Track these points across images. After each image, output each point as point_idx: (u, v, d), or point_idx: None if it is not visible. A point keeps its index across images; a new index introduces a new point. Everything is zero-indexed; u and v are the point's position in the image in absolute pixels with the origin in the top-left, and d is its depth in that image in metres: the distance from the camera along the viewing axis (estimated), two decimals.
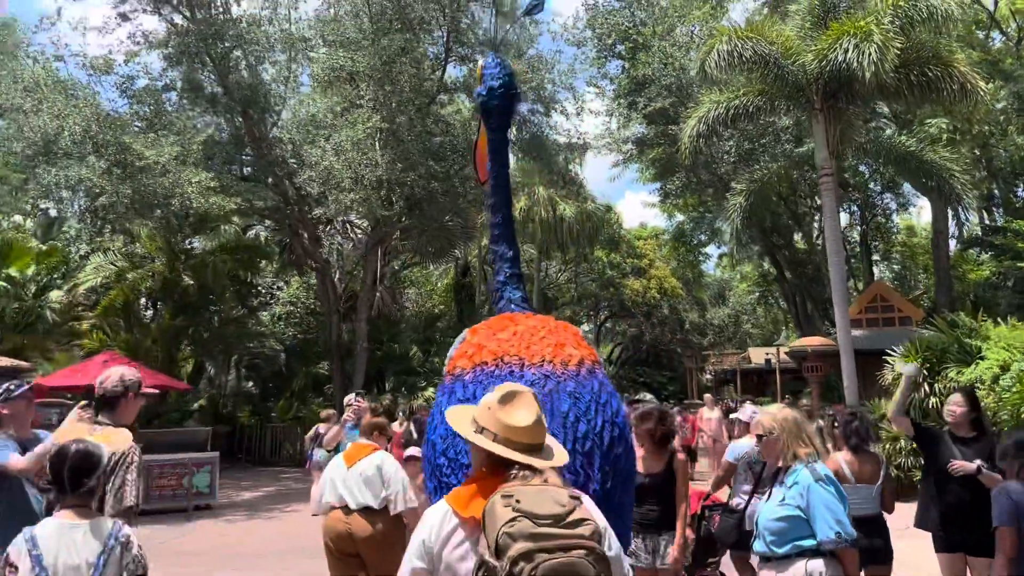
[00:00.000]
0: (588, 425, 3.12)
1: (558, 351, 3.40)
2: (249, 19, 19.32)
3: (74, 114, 15.47)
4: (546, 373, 3.26)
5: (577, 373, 3.30)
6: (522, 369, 3.27)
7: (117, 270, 21.89)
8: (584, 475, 3.01)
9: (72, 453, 3.31)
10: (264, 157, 20.00)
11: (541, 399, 2.96)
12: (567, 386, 3.21)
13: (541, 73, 19.92)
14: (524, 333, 3.50)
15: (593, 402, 3.21)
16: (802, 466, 4.17)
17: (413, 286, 46.17)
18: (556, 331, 3.58)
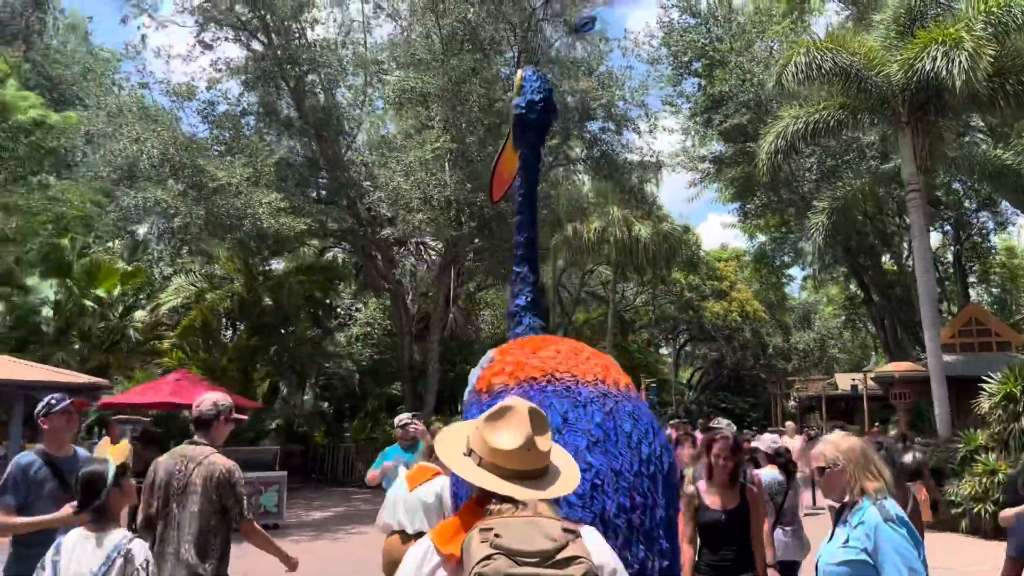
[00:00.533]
0: (650, 448, 2.99)
1: (607, 373, 3.29)
2: (323, 43, 19.63)
3: (152, 138, 15.95)
4: (603, 392, 3.12)
5: (630, 395, 3.21)
6: (577, 385, 3.13)
7: (197, 291, 22.45)
8: (652, 499, 2.85)
9: (80, 476, 3.69)
10: (338, 179, 20.24)
11: (602, 418, 2.91)
12: (626, 406, 3.08)
13: (612, 90, 19.61)
14: (568, 352, 3.37)
15: (650, 426, 3.10)
16: (869, 503, 3.69)
17: (488, 307, 46.25)
18: (597, 355, 3.47)
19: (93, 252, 24.28)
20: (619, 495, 2.76)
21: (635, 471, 2.80)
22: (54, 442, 4.98)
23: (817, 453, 4.09)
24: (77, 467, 5.08)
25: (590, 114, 19.75)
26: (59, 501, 4.76)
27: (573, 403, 3.03)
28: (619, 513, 2.71)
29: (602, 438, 2.88)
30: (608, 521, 2.69)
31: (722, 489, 5.07)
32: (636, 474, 2.79)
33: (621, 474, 2.81)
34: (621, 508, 2.72)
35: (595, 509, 2.70)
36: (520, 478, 2.13)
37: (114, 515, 3.60)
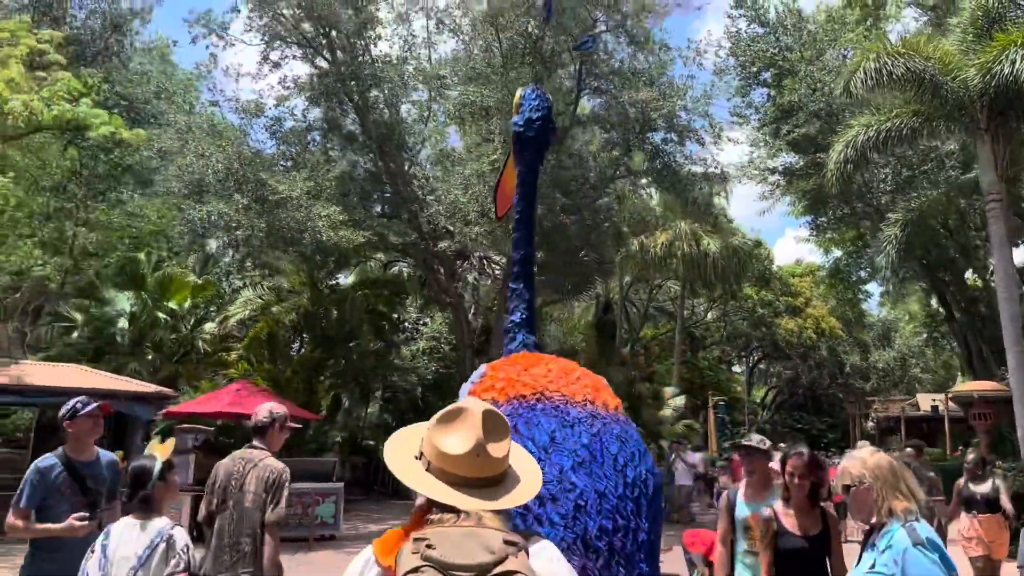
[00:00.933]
0: (636, 471, 3.00)
1: (596, 394, 3.31)
2: (385, 59, 19.88)
3: (217, 153, 16.36)
4: (592, 413, 3.14)
5: (619, 418, 3.23)
6: (566, 405, 3.14)
7: (263, 303, 22.92)
8: (635, 522, 2.86)
9: (130, 470, 4.05)
10: (400, 193, 20.41)
11: (589, 439, 2.91)
12: (614, 428, 3.10)
13: (673, 100, 19.25)
14: (559, 371, 3.39)
15: (636, 449, 3.11)
16: (898, 525, 3.38)
17: (555, 323, 45.98)
18: (588, 374, 3.50)
19: (167, 266, 25.06)
20: (602, 517, 2.75)
21: (619, 494, 2.80)
22: (77, 446, 5.00)
23: (842, 469, 3.80)
24: (99, 471, 5.13)
25: (651, 125, 19.43)
26: (76, 506, 4.78)
27: (561, 423, 3.01)
28: (601, 535, 2.71)
29: (588, 459, 2.87)
30: (589, 542, 2.69)
31: (801, 512, 4.67)
32: (620, 497, 2.79)
33: (605, 496, 2.81)
34: (603, 530, 2.72)
35: (577, 530, 2.70)
36: (469, 486, 1.99)
37: (158, 505, 3.93)
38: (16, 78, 13.33)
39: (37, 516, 4.77)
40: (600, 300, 40.34)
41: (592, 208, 20.02)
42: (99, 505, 4.93)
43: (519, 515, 2.79)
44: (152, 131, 18.79)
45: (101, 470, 5.07)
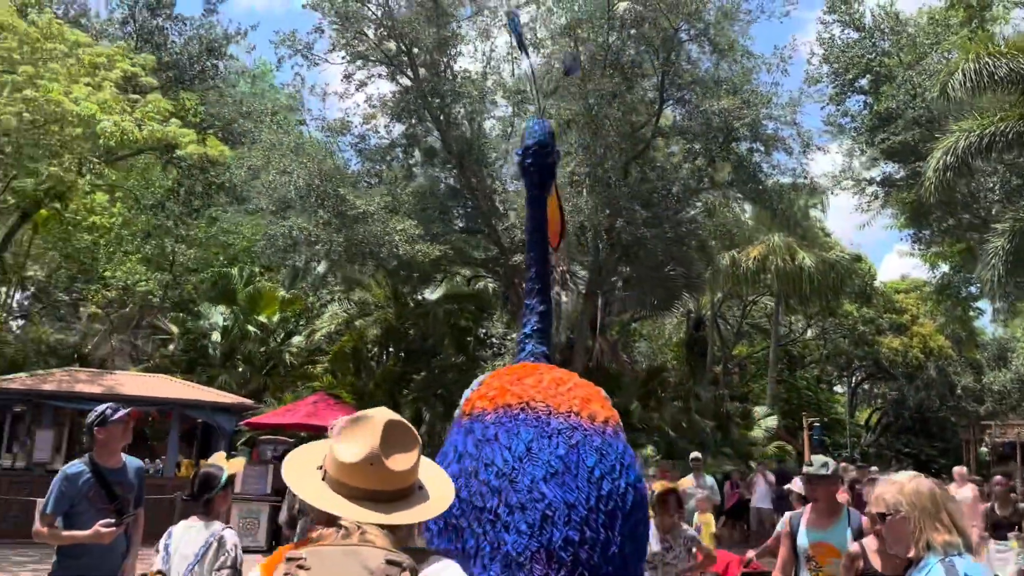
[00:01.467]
0: (613, 484, 2.99)
1: (585, 405, 3.30)
2: (464, 75, 19.96)
3: (298, 169, 16.75)
4: (573, 424, 3.14)
5: (603, 430, 3.20)
6: (549, 416, 3.15)
7: (347, 317, 23.32)
8: (605, 535, 2.86)
9: (199, 475, 4.48)
10: (480, 207, 20.42)
11: (566, 451, 2.93)
12: (594, 440, 3.10)
13: (757, 108, 18.57)
14: (551, 382, 3.41)
15: (618, 462, 3.09)
16: (935, 560, 2.99)
17: (645, 340, 45.19)
18: (583, 386, 3.51)
19: (258, 281, 25.84)
20: (569, 528, 2.76)
21: (590, 506, 2.80)
22: (105, 452, 5.02)
23: (877, 496, 3.41)
24: (126, 478, 5.16)
25: (735, 134, 18.81)
26: (103, 512, 4.80)
27: (540, 433, 3.03)
28: (565, 546, 2.71)
29: (562, 470, 2.88)
30: (553, 552, 2.71)
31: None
32: (591, 509, 2.80)
33: (575, 508, 2.81)
34: (568, 541, 2.72)
35: (542, 540, 2.72)
36: (366, 499, 1.85)
37: (216, 510, 4.37)
38: (109, 100, 13.98)
39: (65, 522, 4.82)
40: (691, 317, 39.47)
41: (674, 221, 19.51)
42: (126, 511, 4.95)
43: (489, 522, 2.82)
44: (242, 150, 19.39)
45: (128, 477, 5.10)
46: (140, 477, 5.23)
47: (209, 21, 23.85)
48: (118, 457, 5.11)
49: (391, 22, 19.03)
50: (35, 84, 13.56)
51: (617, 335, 38.65)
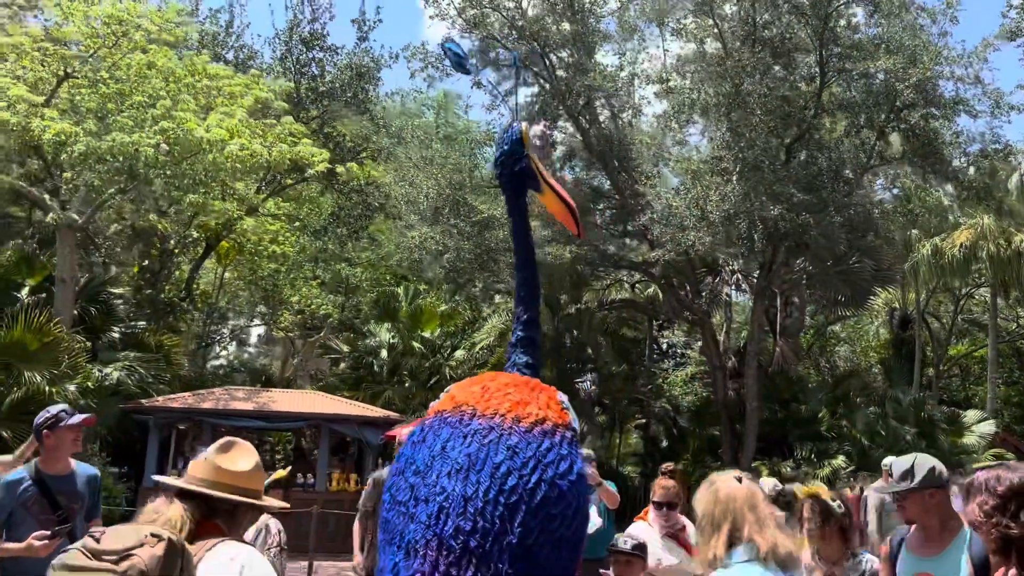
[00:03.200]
0: (519, 480, 3.08)
1: (516, 407, 3.34)
2: (601, 69, 19.05)
3: (426, 181, 16.62)
4: (492, 425, 3.27)
5: (528, 430, 3.24)
6: (472, 418, 3.29)
7: (502, 329, 23.01)
8: (500, 526, 3.01)
9: None
10: (625, 206, 19.40)
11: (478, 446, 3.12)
12: (509, 439, 3.19)
13: (925, 66, 16.05)
14: (494, 388, 3.47)
15: (533, 459, 3.14)
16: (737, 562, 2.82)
17: (844, 343, 41.88)
18: (526, 391, 3.50)
19: (422, 298, 26.25)
20: (461, 519, 2.98)
21: (488, 499, 2.98)
22: (52, 458, 4.70)
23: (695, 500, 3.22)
24: (73, 486, 4.79)
25: (901, 99, 16.45)
26: (44, 523, 4.46)
27: (458, 433, 3.21)
28: (456, 535, 2.94)
29: (467, 466, 3.08)
30: (444, 540, 2.96)
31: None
32: (488, 501, 2.98)
33: (471, 500, 3.01)
34: (459, 530, 2.95)
35: (436, 529, 2.98)
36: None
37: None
38: (238, 126, 14.53)
39: (7, 533, 4.54)
40: (895, 314, 35.94)
41: (841, 204, 17.39)
42: (72, 521, 4.59)
43: (402, 514, 3.10)
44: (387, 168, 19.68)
45: (75, 485, 4.75)
46: (92, 486, 4.87)
47: (363, 48, 24.70)
48: (66, 464, 4.78)
49: (522, 22, 18.58)
50: (171, 116, 14.33)
51: (812, 339, 35.90)
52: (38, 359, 14.61)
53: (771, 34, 17.98)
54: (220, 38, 25.18)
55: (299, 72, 23.78)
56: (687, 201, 16.28)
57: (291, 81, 23.73)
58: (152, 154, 13.86)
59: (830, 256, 21.42)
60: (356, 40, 24.76)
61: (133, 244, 24.46)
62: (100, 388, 15.73)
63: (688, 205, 16.27)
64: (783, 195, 16.75)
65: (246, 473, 2.59)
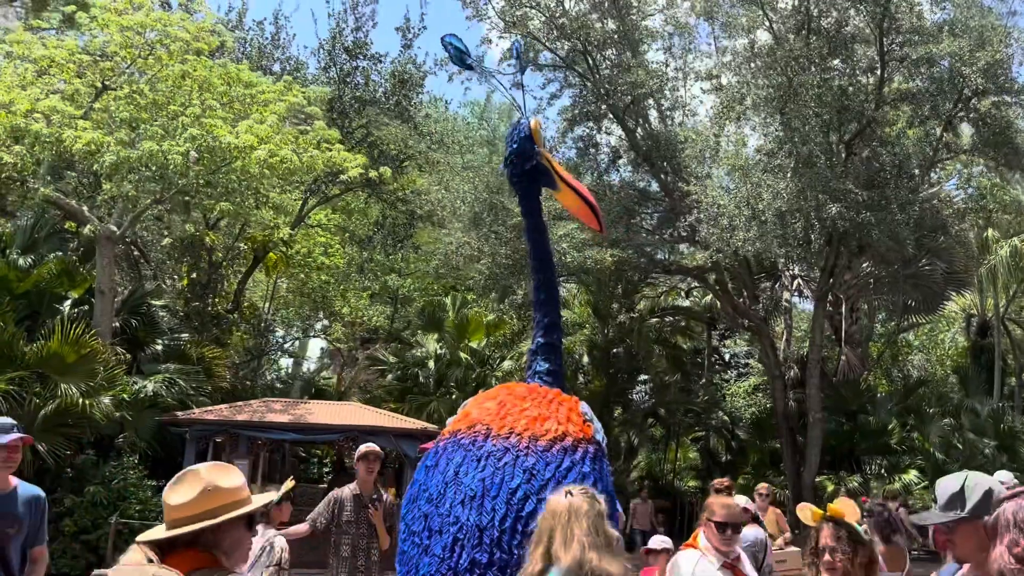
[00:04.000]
0: (537, 504, 2.86)
1: (533, 424, 3.22)
2: (643, 67, 18.25)
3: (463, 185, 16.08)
4: (507, 446, 3.12)
5: (547, 448, 3.10)
6: (486, 439, 3.17)
7: None
8: (516, 556, 2.81)
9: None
10: (675, 208, 18.53)
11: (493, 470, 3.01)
12: (525, 461, 3.05)
13: (993, 48, 14.78)
14: (508, 403, 3.35)
15: (553, 480, 2.99)
16: None
17: (919, 351, 40.07)
18: (545, 404, 3.37)
19: (471, 307, 25.75)
20: (477, 551, 2.83)
21: (504, 527, 2.83)
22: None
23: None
24: (12, 508, 4.35)
25: (967, 85, 15.20)
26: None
27: (470, 456, 3.04)
28: (472, 568, 2.80)
29: (480, 493, 2.90)
30: (458, 574, 2.81)
31: None
32: (505, 531, 2.83)
33: (486, 529, 2.86)
34: (475, 563, 2.80)
35: (452, 563, 2.84)
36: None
37: (272, 520, 5.35)
38: (268, 131, 14.25)
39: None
40: (973, 321, 34.08)
41: (905, 201, 16.20)
42: (4, 545, 4.15)
43: (416, 546, 2.97)
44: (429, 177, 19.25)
45: (13, 507, 4.30)
46: (35, 508, 4.42)
47: (407, 56, 24.38)
48: (7, 483, 4.35)
49: (564, 20, 17.96)
50: (200, 123, 14.12)
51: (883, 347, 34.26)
52: (74, 371, 14.49)
53: (827, 23, 16.98)
54: (267, 50, 25.21)
55: (343, 81, 23.57)
56: (736, 200, 15.38)
57: (335, 90, 23.55)
58: (181, 162, 13.64)
59: (897, 259, 20.19)
60: (400, 48, 24.46)
61: (183, 257, 24.57)
62: (137, 401, 15.55)
63: (738, 204, 15.36)
64: (840, 192, 15.68)
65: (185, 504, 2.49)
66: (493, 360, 24.90)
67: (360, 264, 25.44)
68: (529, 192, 3.89)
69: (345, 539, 6.29)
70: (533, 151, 3.78)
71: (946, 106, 15.95)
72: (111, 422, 14.94)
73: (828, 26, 16.95)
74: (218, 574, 2.44)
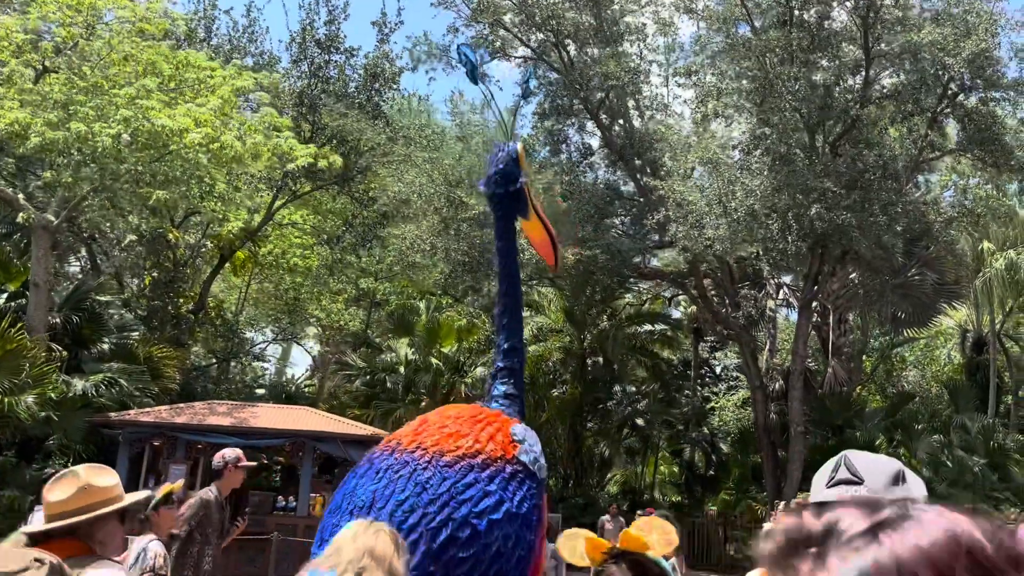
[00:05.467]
0: (421, 517, 2.92)
1: (444, 440, 3.15)
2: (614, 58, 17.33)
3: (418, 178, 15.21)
4: (407, 460, 3.12)
5: (450, 464, 3.07)
6: (391, 453, 3.16)
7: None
8: None
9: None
10: (646, 207, 17.60)
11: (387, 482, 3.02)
12: (420, 475, 3.03)
13: (979, 36, 13.88)
14: (432, 421, 3.34)
15: (446, 494, 2.99)
16: None
17: (914, 367, 39.17)
18: (470, 423, 3.29)
19: (445, 311, 24.88)
20: None
21: None
22: None
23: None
24: None
25: (951, 75, 14.29)
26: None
27: (373, 469, 3.10)
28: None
29: (367, 505, 3.00)
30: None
31: None
32: None
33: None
34: None
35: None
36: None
37: (151, 526, 5.26)
38: (206, 114, 13.41)
39: None
40: (968, 336, 33.16)
41: (885, 203, 15.28)
42: None
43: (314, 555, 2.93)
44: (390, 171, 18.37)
45: None
46: None
47: (382, 51, 23.56)
48: None
49: (535, 9, 17.13)
50: (135, 104, 13.29)
51: (877, 361, 33.31)
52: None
53: (809, 16, 16.14)
54: (240, 43, 24.42)
55: (314, 75, 22.74)
56: (708, 197, 14.48)
57: (306, 84, 22.74)
58: (111, 145, 12.79)
59: (885, 267, 19.30)
60: (376, 43, 23.64)
61: (149, 254, 23.72)
62: (66, 400, 14.65)
63: (709, 201, 14.47)
64: (819, 192, 14.78)
65: (63, 500, 2.83)
66: (466, 366, 24.00)
67: (330, 265, 24.54)
68: (507, 214, 3.84)
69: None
70: (519, 175, 3.81)
71: (930, 101, 15.05)
72: (36, 422, 14.09)
73: (810, 19, 16.10)
74: (92, 560, 2.76)
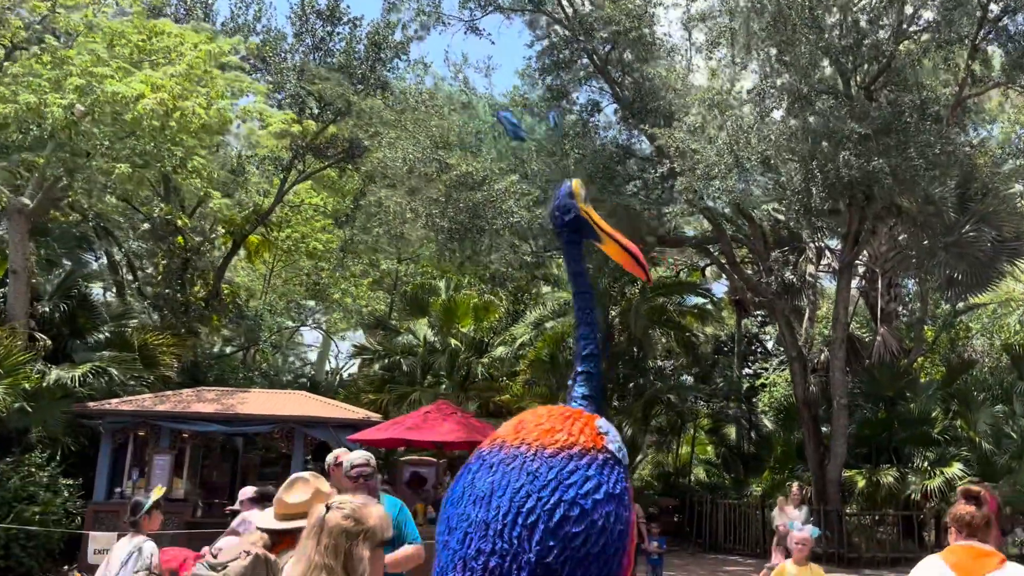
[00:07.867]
0: (537, 501, 3.25)
1: (544, 435, 3.49)
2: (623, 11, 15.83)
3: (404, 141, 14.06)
4: (516, 454, 3.47)
5: (553, 455, 3.39)
6: (499, 449, 3.50)
7: (536, 319, 20.25)
8: (520, 545, 3.20)
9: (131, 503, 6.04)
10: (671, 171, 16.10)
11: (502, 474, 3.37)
12: (531, 464, 3.36)
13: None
14: (527, 420, 3.66)
15: (555, 480, 3.31)
16: None
17: (981, 335, 36.63)
18: (559, 419, 3.60)
19: (465, 291, 23.86)
20: (482, 541, 3.25)
21: (507, 520, 3.20)
22: None
23: None
24: None
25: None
26: None
27: (486, 464, 3.43)
28: (477, 556, 3.24)
29: (488, 493, 3.30)
30: (467, 562, 3.25)
31: None
32: (507, 524, 3.20)
33: (490, 523, 3.26)
34: (480, 552, 3.23)
35: (462, 553, 3.29)
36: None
37: (143, 528, 5.59)
38: (167, 81, 12.51)
39: None
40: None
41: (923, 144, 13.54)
42: None
43: (441, 544, 3.43)
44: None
45: None
46: None
47: (387, 20, 22.50)
48: None
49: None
50: (90, 73, 12.46)
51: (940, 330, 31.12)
52: None
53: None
54: (246, 20, 23.62)
55: (316, 48, 21.82)
56: (718, 146, 13.01)
57: (309, 58, 21.85)
58: (61, 115, 11.98)
59: (936, 223, 17.56)
60: (383, 10, 22.54)
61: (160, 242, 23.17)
62: (42, 390, 13.99)
63: (719, 151, 12.99)
64: (843, 133, 13.16)
65: (296, 504, 3.56)
66: (489, 346, 22.89)
67: (343, 246, 23.69)
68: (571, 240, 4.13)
69: None
70: (573, 206, 4.10)
71: (969, 26, 13.23)
72: (12, 413, 13.48)
73: None
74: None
